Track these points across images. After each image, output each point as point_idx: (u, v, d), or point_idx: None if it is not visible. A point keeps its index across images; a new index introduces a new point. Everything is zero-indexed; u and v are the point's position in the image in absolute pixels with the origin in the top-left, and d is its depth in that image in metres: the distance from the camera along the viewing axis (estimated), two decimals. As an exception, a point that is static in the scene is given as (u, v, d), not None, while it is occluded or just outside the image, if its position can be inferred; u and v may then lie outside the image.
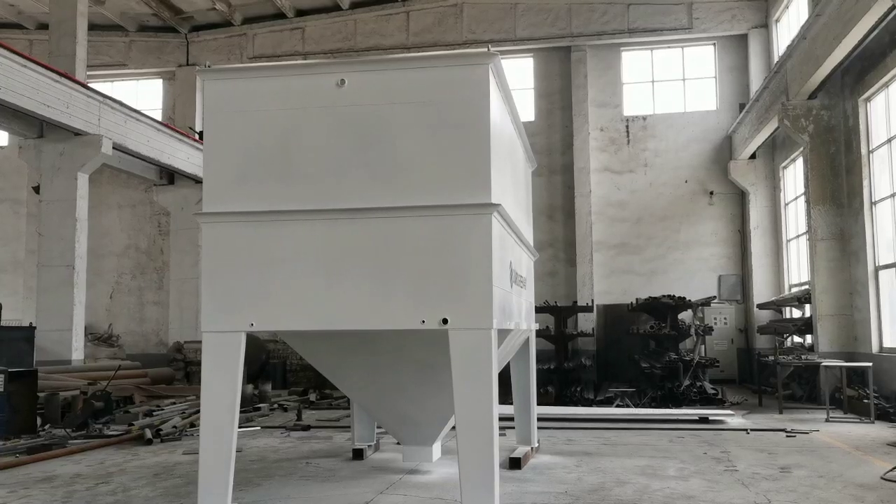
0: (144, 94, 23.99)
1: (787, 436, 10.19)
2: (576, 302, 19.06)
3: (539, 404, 9.83)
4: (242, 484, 7.17)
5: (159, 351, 21.79)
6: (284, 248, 5.75)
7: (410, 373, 6.92)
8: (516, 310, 7.01)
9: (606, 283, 20.52)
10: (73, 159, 16.09)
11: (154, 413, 12.12)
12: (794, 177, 18.17)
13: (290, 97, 5.91)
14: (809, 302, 15.00)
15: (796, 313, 17.14)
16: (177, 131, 19.93)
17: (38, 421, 11.21)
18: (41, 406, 11.58)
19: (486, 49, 5.77)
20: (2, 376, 10.64)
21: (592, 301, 19.51)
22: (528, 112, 21.18)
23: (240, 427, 6.50)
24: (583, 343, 19.23)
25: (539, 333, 12.15)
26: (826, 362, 12.97)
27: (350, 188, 5.72)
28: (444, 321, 5.46)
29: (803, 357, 14.01)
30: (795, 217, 18.07)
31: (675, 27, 20.66)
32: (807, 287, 15.79)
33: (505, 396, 7.90)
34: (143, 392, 14.54)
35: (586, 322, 19.57)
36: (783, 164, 18.74)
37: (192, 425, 11.06)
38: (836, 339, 14.07)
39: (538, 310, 12.23)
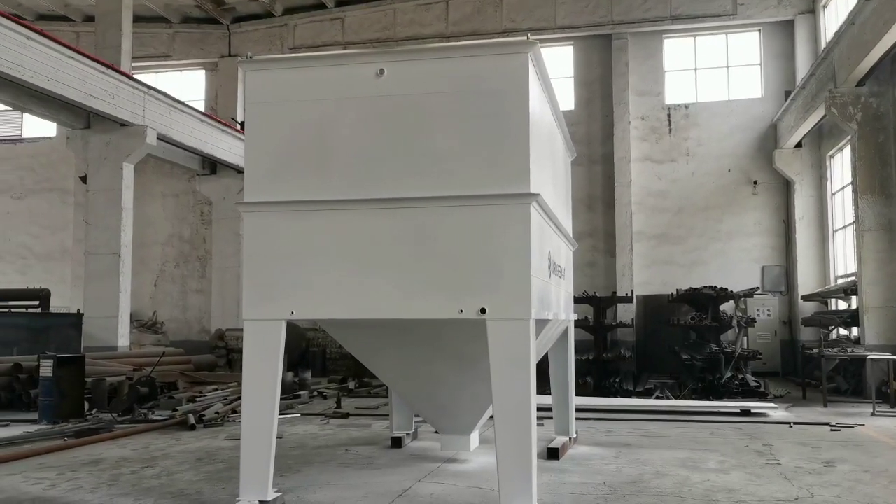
0: (187, 84, 24.32)
1: (832, 430, 10.01)
2: (615, 293, 18.90)
3: (577, 395, 9.79)
4: (283, 470, 7.27)
5: (202, 338, 22.16)
6: (324, 237, 5.79)
7: (448, 362, 6.94)
8: (555, 300, 6.98)
9: (646, 273, 20.32)
10: (118, 149, 16.40)
11: (197, 399, 12.34)
12: (841, 166, 17.77)
13: (329, 87, 5.94)
14: (856, 293, 14.68)
15: (842, 305, 16.79)
16: (219, 122, 20.18)
17: (86, 405, 11.50)
18: (88, 391, 11.86)
19: (525, 38, 5.73)
20: (51, 362, 10.93)
21: (632, 292, 19.34)
22: (567, 101, 21.01)
23: (280, 414, 6.59)
24: (622, 334, 19.10)
25: (578, 324, 12.07)
26: (873, 355, 12.69)
27: (389, 178, 5.74)
28: (483, 311, 5.46)
29: (849, 350, 13.72)
30: (842, 207, 17.68)
31: (718, 13, 20.30)
32: (853, 278, 15.46)
33: (543, 387, 7.88)
34: (186, 378, 14.81)
35: (626, 313, 19.41)
36: (830, 153, 18.34)
37: (234, 412, 11.24)
38: (883, 332, 13.76)
39: (577, 300, 12.15)
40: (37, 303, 18.89)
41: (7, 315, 16.89)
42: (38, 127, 24.07)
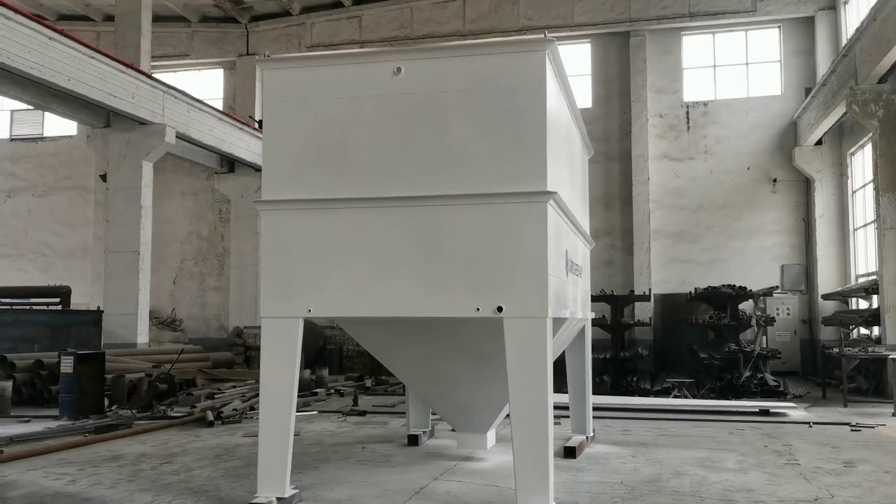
0: (206, 83, 24.48)
1: (852, 430, 9.91)
2: (632, 291, 18.82)
3: (594, 394, 9.76)
4: (300, 467, 7.30)
5: (220, 335, 22.31)
6: (341, 235, 5.81)
7: (465, 360, 6.94)
8: (572, 298, 6.97)
9: (664, 272, 20.22)
10: (138, 148, 16.54)
11: (215, 396, 12.42)
12: (862, 163, 17.59)
13: (346, 86, 5.95)
14: (877, 292, 14.52)
15: (863, 304, 16.62)
16: (237, 120, 20.29)
17: (106, 402, 11.61)
18: (108, 388, 11.98)
19: (542, 35, 5.72)
20: (71, 358, 11.04)
21: (649, 290, 19.24)
22: (585, 99, 20.95)
23: (297, 411, 6.62)
24: (639, 333, 19.02)
25: (595, 322, 12.02)
26: (894, 355, 12.55)
27: (406, 176, 5.74)
28: (499, 309, 5.45)
29: (870, 349, 13.58)
30: (863, 205, 17.51)
31: (738, 10, 20.15)
32: (874, 277, 15.30)
33: (560, 385, 7.86)
34: (204, 375, 14.92)
35: (643, 311, 19.33)
36: (851, 151, 18.15)
37: (252, 409, 11.30)
38: (904, 332, 13.59)
39: (594, 299, 12.11)
40: (58, 300, 19.09)
41: (28, 312, 17.09)
42: (58, 126, 24.32)
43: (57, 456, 8.06)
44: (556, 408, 6.02)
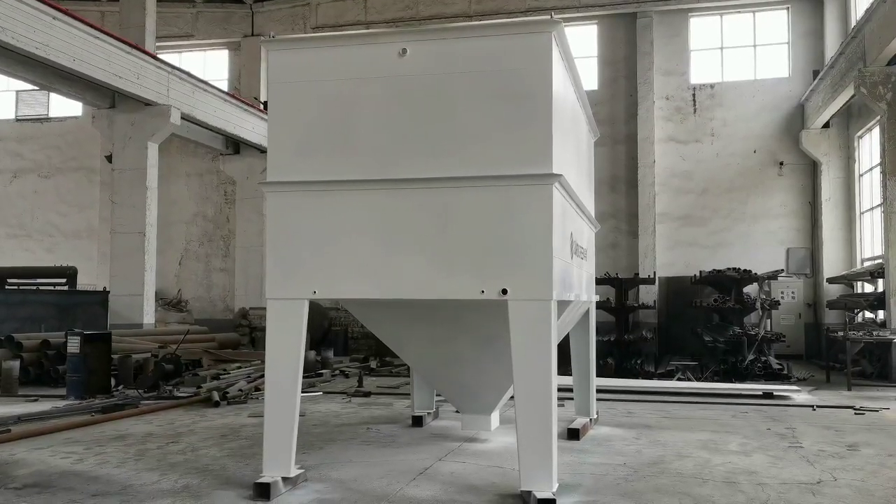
0: (211, 64, 24.38)
1: (856, 413, 9.92)
2: (637, 274, 18.81)
3: (598, 376, 9.78)
4: (305, 447, 7.36)
5: (226, 316, 22.37)
6: (346, 217, 5.82)
7: (469, 342, 6.95)
8: (576, 281, 6.97)
9: (669, 255, 20.19)
10: (143, 129, 16.52)
11: (221, 377, 12.48)
12: (869, 147, 17.49)
13: (352, 67, 5.93)
14: (883, 276, 14.49)
15: (868, 288, 16.59)
16: (242, 102, 20.24)
17: (112, 382, 11.68)
18: (115, 368, 12.05)
19: (548, 17, 5.68)
20: (78, 338, 11.11)
21: (654, 273, 19.24)
22: (591, 81, 20.81)
23: (303, 392, 6.65)
24: (644, 315, 19.02)
25: (599, 305, 12.03)
26: (899, 339, 12.55)
27: (411, 158, 5.73)
28: (504, 292, 5.46)
29: (875, 333, 13.58)
30: (870, 189, 17.43)
31: (746, -9, 19.97)
32: (880, 261, 15.26)
33: (564, 367, 7.87)
34: (210, 356, 14.98)
35: (648, 294, 19.31)
36: (858, 134, 18.05)
37: (257, 389, 11.36)
38: (910, 316, 13.57)
39: (599, 281, 12.09)
40: (64, 280, 19.19)
41: (35, 292, 17.17)
42: (64, 106, 24.28)
43: (64, 435, 8.13)
44: (560, 390, 6.04)
